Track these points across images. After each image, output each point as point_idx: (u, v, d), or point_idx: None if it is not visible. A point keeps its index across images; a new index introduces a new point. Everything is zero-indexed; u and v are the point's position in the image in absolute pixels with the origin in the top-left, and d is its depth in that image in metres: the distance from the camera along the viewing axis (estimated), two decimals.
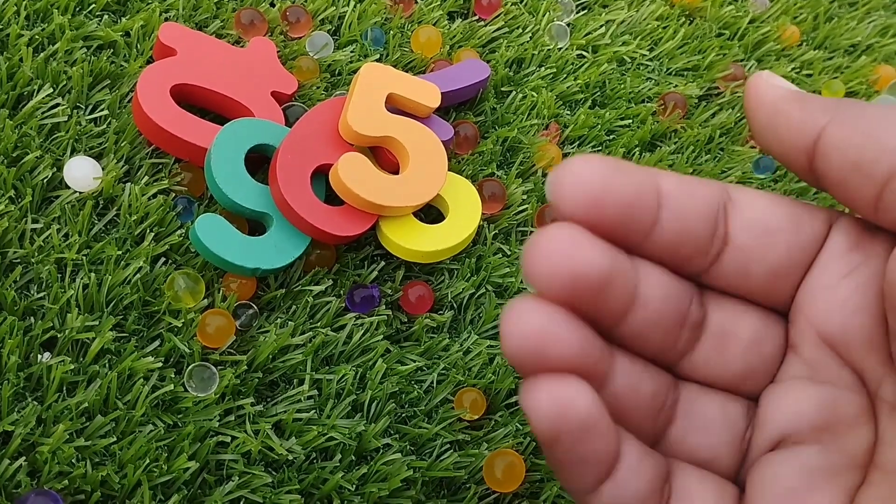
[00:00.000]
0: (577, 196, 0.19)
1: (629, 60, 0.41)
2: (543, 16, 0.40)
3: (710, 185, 0.21)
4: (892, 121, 0.19)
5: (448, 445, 0.31)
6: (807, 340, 0.22)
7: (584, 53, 0.40)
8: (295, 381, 0.31)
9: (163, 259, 0.31)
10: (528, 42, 0.40)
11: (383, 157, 0.34)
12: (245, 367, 0.30)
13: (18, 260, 0.30)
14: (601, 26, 0.41)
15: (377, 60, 0.37)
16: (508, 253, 0.35)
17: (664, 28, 0.42)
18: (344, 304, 0.32)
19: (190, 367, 0.30)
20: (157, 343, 0.30)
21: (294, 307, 0.32)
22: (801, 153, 0.21)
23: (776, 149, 0.21)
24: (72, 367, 0.28)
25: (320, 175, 0.33)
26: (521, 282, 0.34)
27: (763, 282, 0.22)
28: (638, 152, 0.38)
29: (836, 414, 0.21)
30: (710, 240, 0.21)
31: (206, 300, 0.31)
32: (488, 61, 0.39)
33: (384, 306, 0.33)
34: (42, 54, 0.32)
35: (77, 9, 0.34)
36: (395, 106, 0.34)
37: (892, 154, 0.19)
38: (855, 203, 0.20)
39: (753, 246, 0.21)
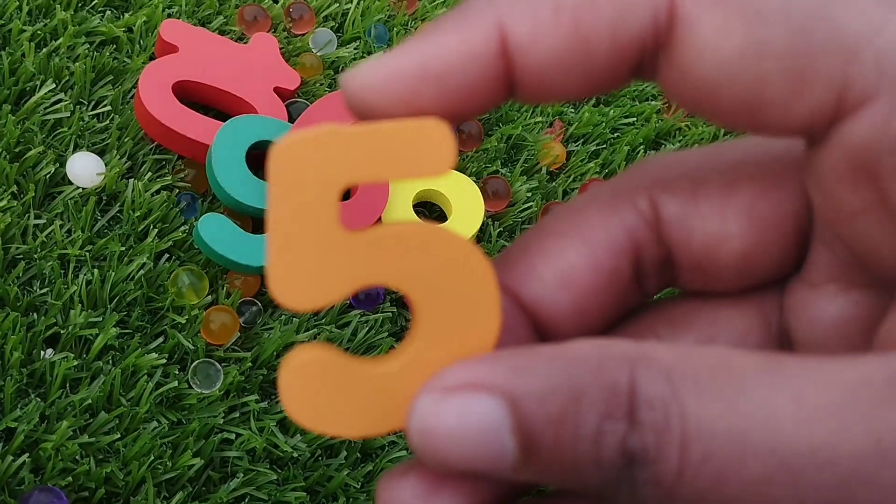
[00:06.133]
0: None
1: None
2: None
3: None
4: None
5: None
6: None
7: None
8: None
9: (166, 255, 0.31)
10: None
11: None
12: (249, 364, 0.30)
13: (21, 256, 0.29)
14: None
15: None
16: None
17: None
18: (348, 301, 0.32)
19: (194, 364, 0.29)
20: (160, 340, 0.30)
21: None
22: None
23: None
24: (75, 363, 0.28)
25: None
26: None
27: None
28: (643, 150, 0.38)
29: None
30: None
31: (209, 297, 0.30)
32: None
33: (389, 303, 0.33)
34: (44, 50, 0.32)
35: (79, 4, 0.34)
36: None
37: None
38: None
39: None
